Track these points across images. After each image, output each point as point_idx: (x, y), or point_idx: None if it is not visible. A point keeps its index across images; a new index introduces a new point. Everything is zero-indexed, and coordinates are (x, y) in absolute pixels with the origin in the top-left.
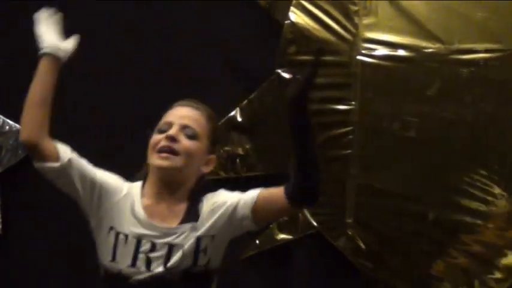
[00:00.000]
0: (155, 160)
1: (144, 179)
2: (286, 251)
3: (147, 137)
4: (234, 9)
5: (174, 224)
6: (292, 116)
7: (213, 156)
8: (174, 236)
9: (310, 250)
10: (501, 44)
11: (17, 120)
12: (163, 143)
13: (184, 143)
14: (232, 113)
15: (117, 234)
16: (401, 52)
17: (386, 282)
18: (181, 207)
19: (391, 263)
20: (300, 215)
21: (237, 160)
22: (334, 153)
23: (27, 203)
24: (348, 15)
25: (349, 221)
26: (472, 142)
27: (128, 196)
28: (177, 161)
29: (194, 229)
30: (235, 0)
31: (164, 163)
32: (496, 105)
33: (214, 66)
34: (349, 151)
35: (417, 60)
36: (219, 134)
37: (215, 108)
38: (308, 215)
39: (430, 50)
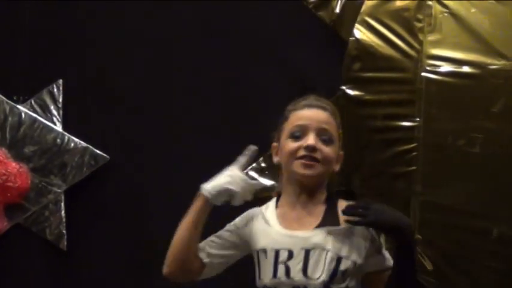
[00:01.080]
0: (298, 168)
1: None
2: None
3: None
4: (299, 26)
5: (312, 227)
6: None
7: (341, 153)
8: (311, 240)
9: None
10: None
11: (81, 137)
12: (303, 153)
13: (324, 150)
14: None
15: (258, 252)
16: (466, 68)
17: None
18: (319, 210)
19: (455, 280)
20: None
21: None
22: (399, 170)
23: (92, 220)
24: (412, 31)
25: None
26: None
27: (262, 215)
28: (320, 169)
29: (335, 234)
30: (301, 18)
31: (309, 172)
32: None
33: (281, 84)
34: (414, 168)
35: (482, 76)
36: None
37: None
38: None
39: (495, 67)
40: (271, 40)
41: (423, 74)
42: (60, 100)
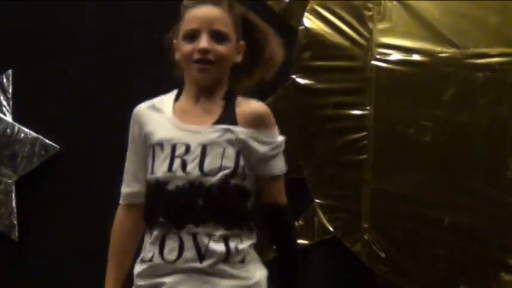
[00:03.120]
0: (193, 73)
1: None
2: (302, 256)
3: (167, 40)
4: None
5: (209, 123)
6: None
7: (242, 43)
8: (207, 135)
9: (326, 255)
10: None
11: (31, 127)
12: (197, 56)
13: (218, 50)
14: None
15: (153, 146)
16: (416, 57)
17: (402, 287)
18: (218, 106)
19: (407, 268)
20: (316, 220)
21: None
22: (350, 159)
23: (43, 210)
24: (362, 20)
25: (365, 226)
26: (487, 146)
27: (154, 108)
28: (214, 70)
29: (231, 132)
30: (251, 5)
31: (203, 75)
32: (511, 109)
33: None
34: (365, 156)
35: (432, 64)
36: (241, 16)
37: None
38: (324, 221)
39: (445, 55)
40: None
41: (373, 62)
42: (10, 91)
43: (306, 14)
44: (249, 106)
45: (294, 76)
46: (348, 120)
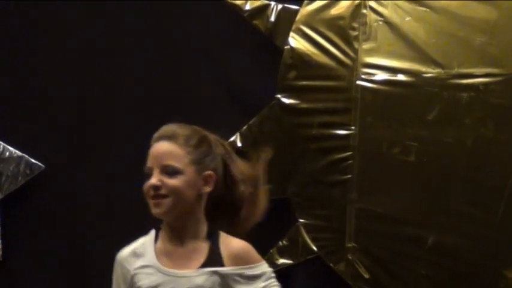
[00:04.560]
0: (151, 209)
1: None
2: (286, 275)
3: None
4: (234, 34)
5: (194, 266)
6: None
7: (209, 172)
8: (194, 280)
9: (310, 275)
10: (500, 69)
11: (17, 146)
12: (152, 193)
13: (169, 183)
14: (232, 138)
15: None
16: (401, 77)
17: None
18: (202, 247)
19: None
20: (299, 239)
21: None
22: (334, 178)
23: (28, 229)
24: (347, 40)
25: (349, 245)
26: (472, 166)
27: (135, 254)
28: (168, 203)
29: (218, 274)
30: (236, 25)
31: (158, 210)
32: (496, 130)
33: (215, 91)
34: (349, 176)
35: (417, 84)
36: (205, 147)
37: (215, 133)
38: (308, 240)
39: (430, 75)
40: (207, 47)
41: (358, 82)
42: None
43: (291, 33)
44: (233, 244)
45: (279, 96)
46: (333, 140)
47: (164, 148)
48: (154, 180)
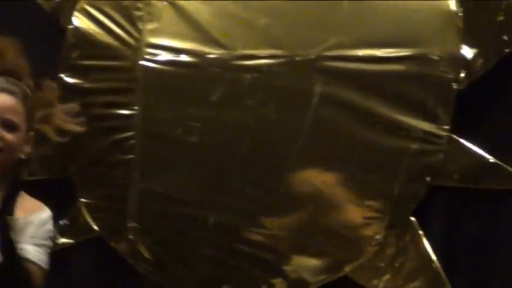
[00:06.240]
0: None
1: None
2: (66, 256)
3: None
4: (15, 10)
5: None
6: None
7: (31, 134)
8: None
9: (91, 254)
10: (284, 50)
11: None
12: None
13: (6, 138)
14: None
15: None
16: (184, 57)
17: (166, 287)
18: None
19: (171, 268)
20: (80, 219)
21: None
22: (117, 158)
23: None
24: (131, 20)
25: (131, 225)
26: (253, 147)
27: None
28: (3, 157)
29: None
30: (20, 5)
31: None
32: (277, 111)
33: None
34: (132, 156)
35: (200, 65)
36: (34, 109)
37: None
38: (89, 220)
39: (213, 56)
40: None
41: (141, 62)
42: None
43: (75, 13)
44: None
45: (61, 75)
46: (116, 120)
47: (8, 101)
48: None
